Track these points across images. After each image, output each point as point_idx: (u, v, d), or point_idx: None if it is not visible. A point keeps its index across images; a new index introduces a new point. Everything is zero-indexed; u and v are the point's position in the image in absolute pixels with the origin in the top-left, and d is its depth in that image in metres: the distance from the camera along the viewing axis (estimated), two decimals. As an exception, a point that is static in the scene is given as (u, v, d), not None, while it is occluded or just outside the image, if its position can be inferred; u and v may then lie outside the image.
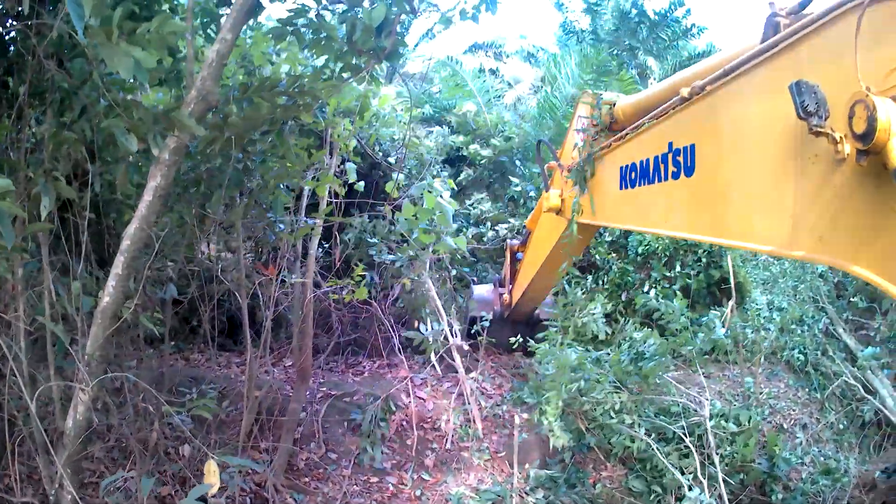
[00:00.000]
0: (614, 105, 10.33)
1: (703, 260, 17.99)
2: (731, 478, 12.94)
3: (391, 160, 16.16)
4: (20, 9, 6.74)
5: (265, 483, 11.38)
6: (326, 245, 16.04)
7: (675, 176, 7.46)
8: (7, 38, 7.69)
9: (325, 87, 8.34)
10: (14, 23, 7.37)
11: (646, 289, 17.75)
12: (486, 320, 15.79)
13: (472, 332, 16.15)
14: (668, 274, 18.09)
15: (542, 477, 13.44)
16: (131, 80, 7.20)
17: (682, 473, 12.55)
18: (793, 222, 5.47)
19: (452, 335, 15.66)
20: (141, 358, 10.60)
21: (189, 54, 7.42)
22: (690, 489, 11.81)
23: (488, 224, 19.83)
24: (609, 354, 14.43)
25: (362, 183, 13.78)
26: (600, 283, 18.85)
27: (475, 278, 18.87)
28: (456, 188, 16.75)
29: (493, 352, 17.28)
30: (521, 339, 15.16)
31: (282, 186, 10.77)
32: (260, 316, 12.42)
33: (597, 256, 19.28)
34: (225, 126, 8.13)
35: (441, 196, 13.93)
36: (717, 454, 12.55)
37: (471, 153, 23.00)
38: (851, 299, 19.59)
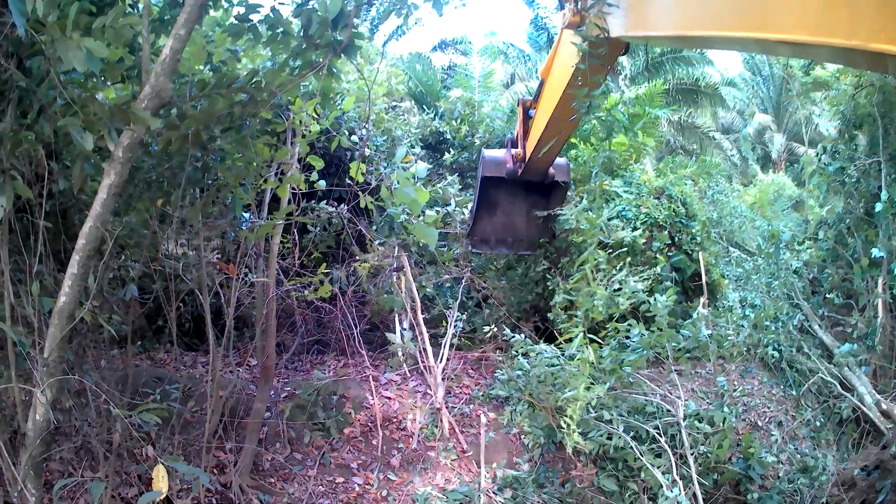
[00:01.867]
0: None
1: (698, 238, 18.13)
2: (704, 478, 12.88)
3: (355, 139, 15.91)
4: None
5: (231, 484, 11.48)
6: (289, 238, 15.74)
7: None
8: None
9: (283, 83, 8.43)
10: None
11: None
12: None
13: (483, 202, 16.99)
14: (668, 243, 18.21)
15: (509, 477, 13.53)
16: (92, 79, 7.32)
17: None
18: (850, 11, 5.10)
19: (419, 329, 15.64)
20: (104, 358, 10.67)
21: (145, 50, 7.48)
22: (670, 489, 11.87)
23: (454, 204, 19.59)
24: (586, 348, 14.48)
25: (323, 182, 13.70)
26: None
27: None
28: (428, 169, 16.72)
29: (460, 351, 17.13)
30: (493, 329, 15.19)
31: (244, 183, 10.81)
32: (229, 314, 12.46)
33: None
34: (182, 123, 8.23)
35: (415, 180, 14.05)
36: (691, 454, 12.58)
37: (458, 136, 23.29)
38: (827, 295, 19.60)
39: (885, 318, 17.42)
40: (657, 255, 17.55)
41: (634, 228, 17.95)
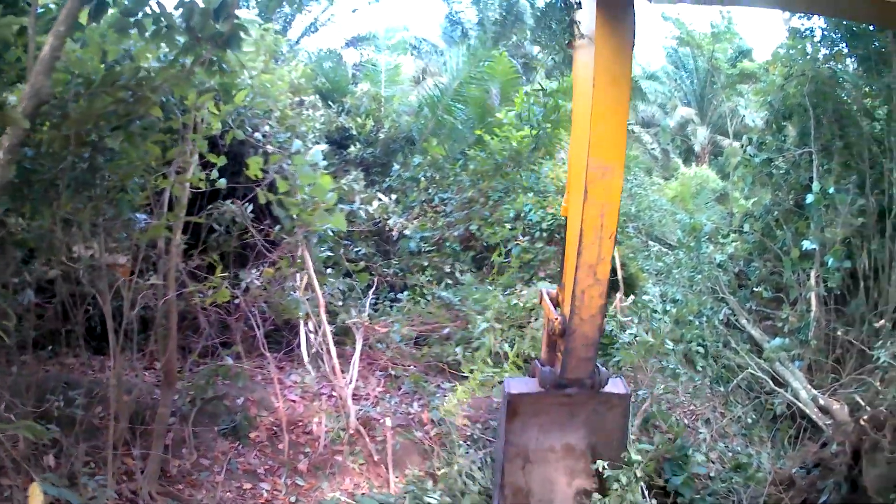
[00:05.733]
0: None
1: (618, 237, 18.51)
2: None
3: (259, 135, 15.94)
4: None
5: (140, 490, 11.61)
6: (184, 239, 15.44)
7: None
8: None
9: (169, 80, 8.60)
10: None
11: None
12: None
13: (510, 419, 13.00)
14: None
15: (417, 482, 13.54)
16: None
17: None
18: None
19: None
20: (15, 364, 10.80)
21: (30, 50, 7.63)
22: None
23: (359, 201, 19.69)
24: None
25: (224, 180, 13.80)
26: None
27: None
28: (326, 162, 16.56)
29: (364, 352, 16.97)
30: None
31: (130, 184, 10.94)
32: (132, 318, 12.47)
33: (492, 241, 19.81)
34: (63, 123, 8.40)
35: (315, 167, 14.13)
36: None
37: (363, 132, 23.63)
38: (755, 289, 19.91)
39: (818, 312, 17.71)
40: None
41: (540, 231, 18.27)
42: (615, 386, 12.76)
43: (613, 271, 17.15)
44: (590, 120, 10.81)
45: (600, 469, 12.49)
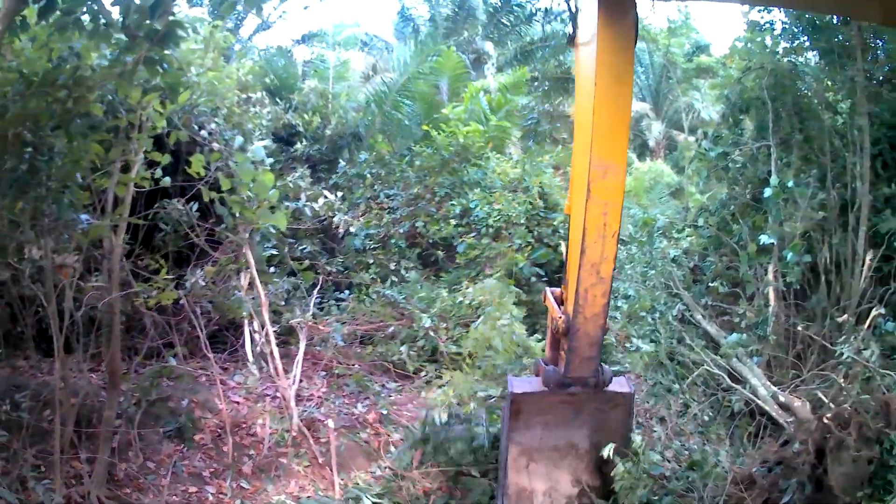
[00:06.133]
0: None
1: (561, 231, 18.46)
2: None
3: (205, 133, 15.69)
4: None
5: (88, 495, 11.61)
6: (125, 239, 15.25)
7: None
8: None
9: (110, 78, 8.63)
10: None
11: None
12: None
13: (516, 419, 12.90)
14: (530, 241, 18.58)
15: (360, 485, 13.69)
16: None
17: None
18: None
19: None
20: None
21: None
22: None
23: (305, 198, 19.95)
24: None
25: (168, 179, 13.76)
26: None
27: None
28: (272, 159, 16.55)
29: (308, 351, 17.09)
30: None
31: (69, 185, 10.92)
32: (78, 319, 12.42)
33: (438, 238, 19.93)
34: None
35: (259, 164, 14.26)
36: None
37: (310, 128, 23.76)
38: (710, 284, 19.83)
39: (777, 307, 17.69)
40: (517, 254, 17.88)
41: (486, 227, 18.36)
42: (619, 384, 12.81)
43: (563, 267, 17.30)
44: (592, 118, 10.92)
45: (606, 459, 12.47)
